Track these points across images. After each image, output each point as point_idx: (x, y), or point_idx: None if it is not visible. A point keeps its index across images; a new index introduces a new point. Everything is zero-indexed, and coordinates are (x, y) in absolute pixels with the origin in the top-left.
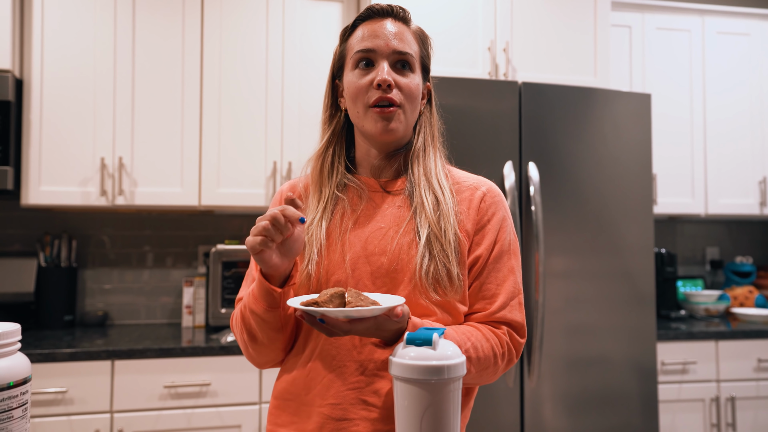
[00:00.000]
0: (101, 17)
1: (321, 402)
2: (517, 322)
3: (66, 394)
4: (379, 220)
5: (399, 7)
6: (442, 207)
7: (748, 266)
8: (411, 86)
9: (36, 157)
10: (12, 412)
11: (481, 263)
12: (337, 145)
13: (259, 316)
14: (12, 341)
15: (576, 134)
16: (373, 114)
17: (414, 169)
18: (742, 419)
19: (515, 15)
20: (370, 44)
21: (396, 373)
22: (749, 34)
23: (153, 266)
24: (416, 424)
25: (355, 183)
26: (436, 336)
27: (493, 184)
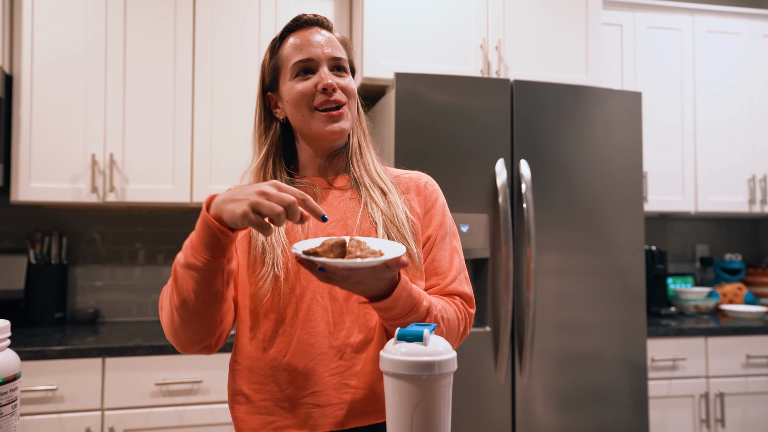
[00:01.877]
0: (92, 12)
1: (303, 393)
2: (467, 294)
3: (56, 392)
4: (335, 212)
5: (323, 17)
6: (389, 197)
7: (737, 263)
8: (350, 86)
9: (26, 154)
10: (1, 408)
11: (431, 242)
12: (276, 155)
13: (196, 268)
14: (1, 338)
15: (567, 132)
16: (321, 116)
17: (355, 167)
18: (731, 415)
19: (507, 13)
20: (307, 54)
21: (387, 369)
22: (739, 33)
23: (144, 263)
24: (407, 419)
25: (306, 183)
26: (427, 332)
27: (430, 176)
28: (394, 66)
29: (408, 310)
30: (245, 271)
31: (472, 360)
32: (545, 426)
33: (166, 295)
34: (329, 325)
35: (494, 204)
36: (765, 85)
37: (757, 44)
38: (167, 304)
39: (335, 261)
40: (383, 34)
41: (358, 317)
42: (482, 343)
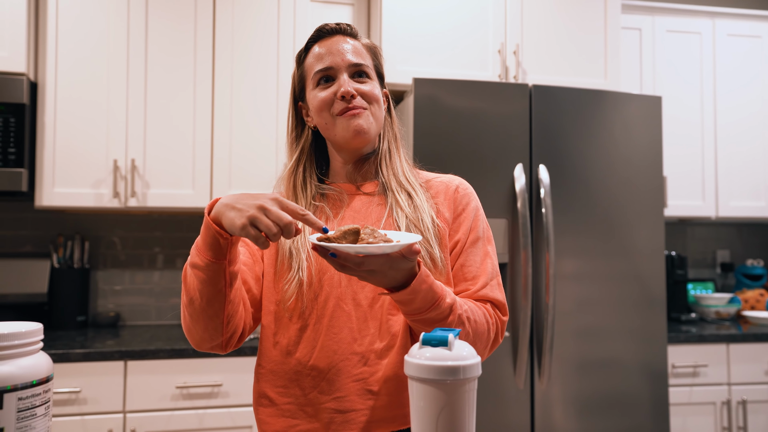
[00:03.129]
0: (114, 22)
1: (326, 398)
2: (499, 300)
3: (80, 394)
4: (361, 217)
5: (347, 24)
6: (415, 200)
7: (759, 269)
8: (373, 92)
9: (50, 159)
10: (35, 409)
11: (459, 247)
12: (307, 162)
13: (200, 269)
14: (35, 340)
15: (586, 137)
16: (342, 120)
17: (383, 171)
18: (753, 422)
19: (525, 18)
20: (327, 62)
21: (411, 373)
22: (760, 36)
23: (163, 267)
24: (432, 424)
25: (333, 190)
26: (451, 337)
27: (464, 180)
28: (412, 71)
29: (430, 304)
30: (271, 278)
31: (491, 365)
32: (564, 431)
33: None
34: (353, 331)
35: (513, 209)
36: None
37: None
38: (182, 305)
39: (346, 246)
40: (401, 40)
41: (381, 323)
42: (501, 348)
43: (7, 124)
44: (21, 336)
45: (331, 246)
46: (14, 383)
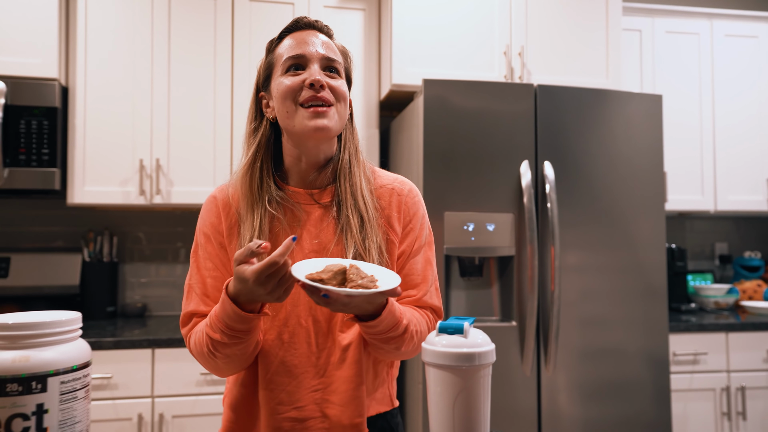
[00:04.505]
0: (139, 30)
1: (287, 408)
2: (437, 307)
3: (111, 380)
4: (317, 234)
5: (324, 24)
6: (366, 228)
7: (756, 261)
8: (341, 89)
9: (80, 159)
10: (76, 393)
11: (404, 257)
12: (264, 157)
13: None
14: (74, 328)
15: (589, 134)
16: (305, 112)
17: (341, 183)
18: (752, 408)
19: (530, 20)
20: (300, 51)
21: (429, 360)
22: (757, 36)
23: (185, 261)
24: (449, 408)
25: (289, 201)
26: (467, 325)
27: (412, 184)
28: (421, 73)
29: (389, 327)
30: None
31: (499, 353)
32: (569, 417)
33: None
34: (311, 346)
35: (519, 204)
36: None
37: None
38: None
39: (341, 290)
40: (411, 42)
41: (335, 338)
42: (509, 337)
43: (40, 127)
44: (62, 324)
45: (326, 288)
46: (56, 368)
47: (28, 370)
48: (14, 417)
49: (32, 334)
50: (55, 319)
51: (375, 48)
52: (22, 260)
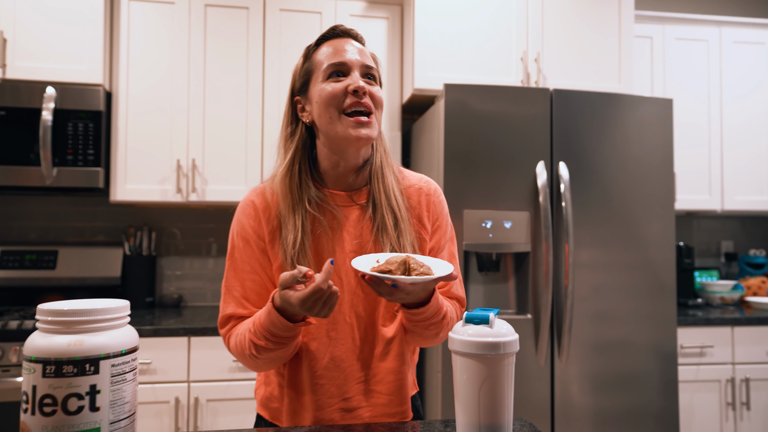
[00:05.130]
0: (177, 39)
1: (336, 401)
2: (462, 298)
3: (150, 365)
4: (356, 235)
5: (358, 33)
6: (400, 225)
7: (761, 258)
8: (379, 95)
9: (122, 159)
10: (125, 375)
11: (433, 253)
12: (302, 162)
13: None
14: (123, 315)
15: (602, 136)
16: (349, 120)
17: (375, 185)
18: (756, 399)
19: (546, 28)
20: (341, 58)
21: (456, 349)
22: (764, 43)
23: (216, 255)
24: (475, 395)
25: (328, 203)
26: (492, 315)
27: (435, 183)
28: (441, 77)
29: (434, 314)
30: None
31: None
32: (581, 406)
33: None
34: (355, 340)
35: (535, 203)
36: None
37: None
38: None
39: (408, 278)
40: (431, 49)
41: (377, 332)
42: (524, 329)
43: (86, 129)
44: (112, 311)
45: (394, 278)
46: (107, 352)
47: (82, 354)
48: (70, 396)
49: (86, 320)
50: (106, 307)
51: (398, 54)
52: (68, 253)
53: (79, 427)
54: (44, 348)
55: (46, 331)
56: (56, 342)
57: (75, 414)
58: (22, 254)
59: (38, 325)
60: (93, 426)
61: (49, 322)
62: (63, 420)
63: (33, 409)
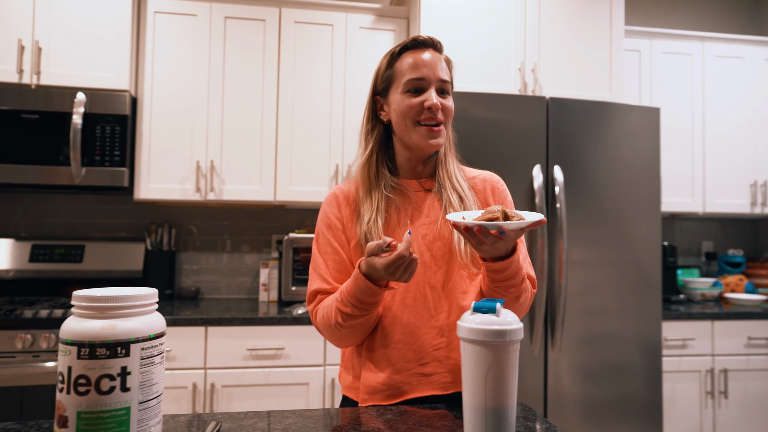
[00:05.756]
0: (199, 50)
1: (414, 365)
2: (533, 277)
3: (170, 353)
4: (426, 215)
5: (437, 40)
6: (465, 202)
7: (739, 258)
8: (451, 107)
9: (146, 160)
10: (153, 358)
11: None
12: (379, 152)
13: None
14: (151, 302)
15: (594, 142)
16: (422, 130)
17: (440, 172)
18: (733, 388)
19: (542, 41)
20: (420, 74)
21: (464, 336)
22: (743, 57)
23: (231, 251)
24: (482, 380)
25: (401, 186)
26: (499, 306)
27: (495, 174)
28: None
29: (515, 272)
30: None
31: None
32: (572, 394)
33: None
34: (430, 310)
35: (531, 203)
36: (765, 102)
37: (758, 67)
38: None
39: (513, 223)
40: None
41: (452, 302)
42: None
43: (113, 132)
44: (142, 298)
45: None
46: (137, 336)
47: (114, 337)
48: (103, 377)
49: (118, 306)
50: (137, 294)
51: None
52: (94, 248)
53: (111, 406)
54: (79, 331)
55: (80, 316)
56: (90, 326)
57: (107, 394)
58: (52, 248)
59: (74, 311)
60: (124, 405)
61: (84, 308)
62: (96, 399)
63: (68, 389)
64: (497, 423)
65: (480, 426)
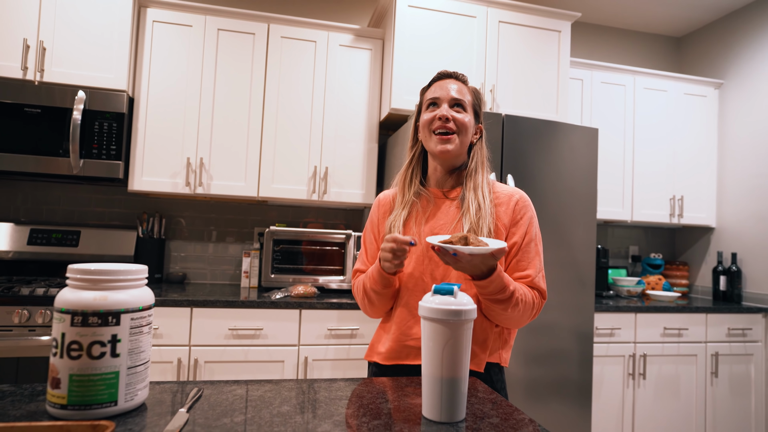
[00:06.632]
0: (193, 57)
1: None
2: (542, 289)
3: (157, 331)
4: (441, 217)
5: (461, 73)
6: (481, 211)
7: (658, 260)
8: (463, 120)
9: (140, 155)
10: (142, 328)
11: (516, 247)
12: (415, 166)
13: (377, 292)
14: (141, 277)
15: (542, 155)
16: (435, 138)
17: (467, 183)
18: (650, 370)
19: (500, 67)
20: (436, 94)
21: (425, 315)
22: (667, 90)
23: (216, 241)
24: (439, 354)
25: (426, 193)
26: (456, 288)
27: (525, 194)
28: (413, 100)
29: (498, 289)
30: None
31: None
32: (516, 376)
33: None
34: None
35: None
36: (683, 128)
37: (679, 99)
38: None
39: (466, 248)
40: (407, 78)
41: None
42: None
43: (110, 128)
44: (132, 273)
45: (452, 247)
46: (127, 307)
47: (105, 307)
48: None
49: (110, 279)
50: (127, 269)
51: (378, 78)
52: (89, 234)
53: (102, 370)
54: (73, 301)
55: (75, 287)
56: (84, 296)
57: (98, 359)
58: (50, 233)
59: (68, 282)
60: (113, 369)
61: (78, 279)
62: (87, 363)
63: (62, 353)
64: (452, 391)
65: (437, 393)
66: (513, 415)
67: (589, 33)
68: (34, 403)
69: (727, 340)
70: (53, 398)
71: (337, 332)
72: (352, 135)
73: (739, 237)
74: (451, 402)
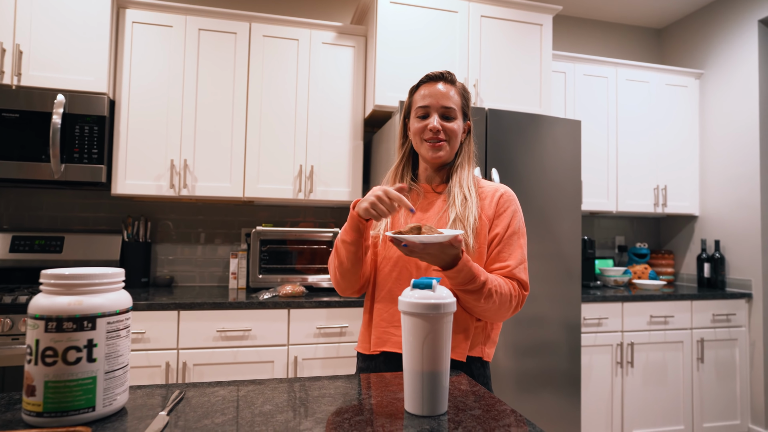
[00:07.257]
0: (174, 57)
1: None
2: (523, 280)
3: (144, 335)
4: (429, 209)
5: (447, 72)
6: (467, 202)
7: (644, 250)
8: (453, 128)
9: (123, 158)
10: (119, 332)
11: (498, 238)
12: (405, 163)
13: (348, 243)
14: (118, 280)
15: (526, 148)
16: (426, 145)
17: (453, 178)
18: (637, 358)
19: (483, 61)
20: (426, 102)
21: (404, 309)
22: (649, 81)
23: (204, 243)
24: (419, 347)
25: (416, 187)
26: (435, 282)
27: (510, 189)
28: (397, 96)
29: (468, 279)
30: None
31: None
32: (506, 367)
33: (331, 259)
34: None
35: None
36: (666, 119)
37: (661, 89)
38: (332, 265)
39: (412, 237)
40: (390, 74)
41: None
42: None
43: (92, 131)
44: (108, 276)
45: (402, 237)
46: (103, 311)
47: (81, 312)
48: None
49: (84, 283)
50: (102, 272)
51: (362, 76)
52: (73, 239)
53: (78, 376)
54: (47, 307)
55: (49, 293)
56: (58, 302)
57: (74, 364)
58: (32, 239)
59: (42, 288)
60: (90, 375)
61: (52, 285)
62: (63, 369)
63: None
64: (433, 384)
65: (418, 387)
66: (495, 407)
67: (571, 26)
68: (10, 412)
69: (712, 326)
70: (29, 406)
71: (327, 330)
72: (338, 133)
73: (722, 224)
74: (432, 395)
